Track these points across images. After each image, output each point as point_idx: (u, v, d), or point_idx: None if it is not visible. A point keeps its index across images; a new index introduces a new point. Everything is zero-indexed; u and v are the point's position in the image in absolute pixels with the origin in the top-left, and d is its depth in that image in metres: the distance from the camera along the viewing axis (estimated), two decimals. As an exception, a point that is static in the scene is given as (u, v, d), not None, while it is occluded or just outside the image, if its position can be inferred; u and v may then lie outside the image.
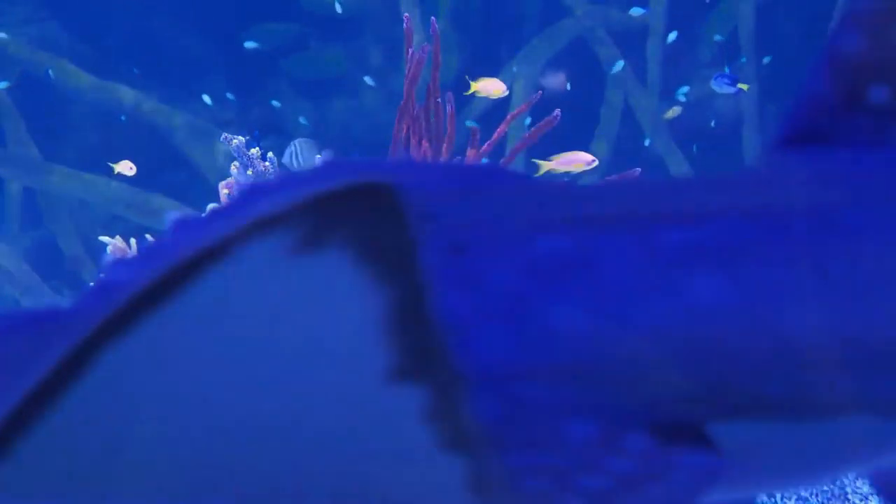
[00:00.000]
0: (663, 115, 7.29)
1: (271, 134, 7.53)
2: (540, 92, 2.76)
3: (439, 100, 2.54)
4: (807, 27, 6.86)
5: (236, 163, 2.28)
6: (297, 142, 3.74)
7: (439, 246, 0.63)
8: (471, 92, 3.09)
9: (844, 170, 0.79)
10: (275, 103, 7.55)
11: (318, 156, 2.37)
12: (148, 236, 2.99)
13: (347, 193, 0.52)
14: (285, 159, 3.58)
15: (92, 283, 2.95)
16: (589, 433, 0.66)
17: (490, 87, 3.05)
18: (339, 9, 7.18)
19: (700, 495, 0.67)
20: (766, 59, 7.32)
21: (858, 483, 1.89)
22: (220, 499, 0.59)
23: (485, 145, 2.63)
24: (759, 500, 1.74)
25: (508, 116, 2.65)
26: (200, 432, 0.56)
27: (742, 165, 7.47)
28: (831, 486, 1.84)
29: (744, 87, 3.72)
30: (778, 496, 1.75)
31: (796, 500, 1.78)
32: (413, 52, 2.46)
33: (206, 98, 7.17)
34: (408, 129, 2.51)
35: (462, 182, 0.68)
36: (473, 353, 0.61)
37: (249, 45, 7.37)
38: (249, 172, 2.28)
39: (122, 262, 0.57)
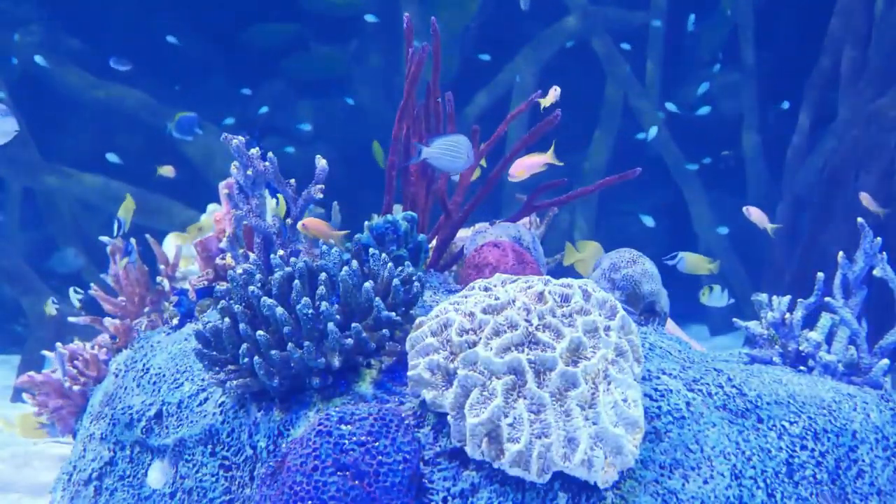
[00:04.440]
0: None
1: (271, 134, 7.53)
2: (539, 91, 2.75)
3: (439, 100, 2.54)
4: (807, 27, 6.86)
5: (236, 163, 2.27)
6: None
7: None
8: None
9: None
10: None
11: (322, 162, 2.35)
12: (148, 236, 2.98)
13: None
14: None
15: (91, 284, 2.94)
16: None
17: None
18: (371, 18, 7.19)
19: None
20: (766, 56, 7.32)
21: (858, 483, 1.88)
22: None
23: (484, 145, 2.63)
24: (758, 498, 1.74)
25: (508, 116, 2.64)
26: None
27: (741, 165, 7.47)
28: (831, 487, 1.84)
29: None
30: (778, 496, 1.75)
31: (796, 499, 1.78)
32: (413, 52, 2.46)
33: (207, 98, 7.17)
34: (408, 129, 2.51)
35: None
36: None
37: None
38: (249, 172, 2.27)
39: None
